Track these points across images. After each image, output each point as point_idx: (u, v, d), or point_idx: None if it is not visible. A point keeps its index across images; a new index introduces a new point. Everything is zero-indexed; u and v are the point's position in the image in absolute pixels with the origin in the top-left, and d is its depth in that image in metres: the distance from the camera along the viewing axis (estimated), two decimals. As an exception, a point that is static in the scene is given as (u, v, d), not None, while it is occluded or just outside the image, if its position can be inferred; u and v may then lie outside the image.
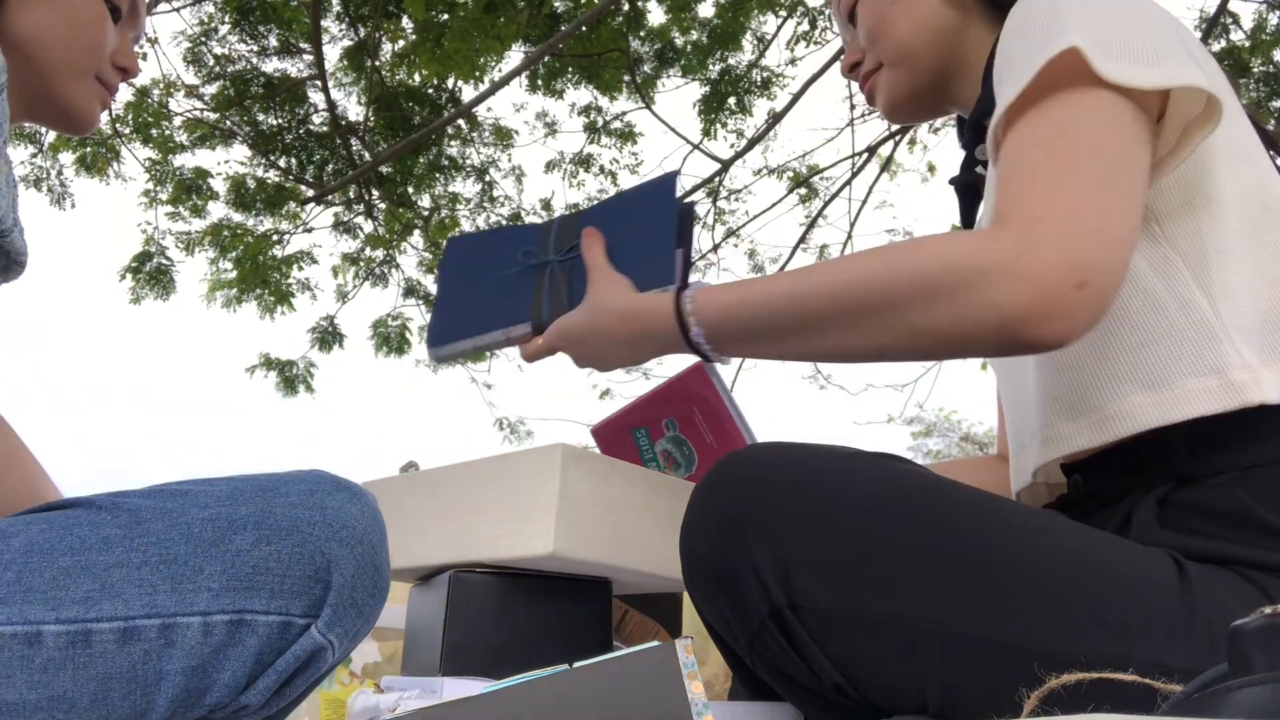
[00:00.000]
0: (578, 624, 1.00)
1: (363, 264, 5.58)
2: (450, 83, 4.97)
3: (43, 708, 0.57)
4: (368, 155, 4.95)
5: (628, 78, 4.90)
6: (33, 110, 0.81)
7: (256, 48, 4.87)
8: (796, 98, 4.47)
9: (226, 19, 4.76)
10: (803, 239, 5.28)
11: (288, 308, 5.19)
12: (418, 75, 4.85)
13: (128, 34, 0.86)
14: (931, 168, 5.35)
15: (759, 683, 0.84)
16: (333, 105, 4.75)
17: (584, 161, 5.54)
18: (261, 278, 5.07)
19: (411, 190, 5.40)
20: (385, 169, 5.11)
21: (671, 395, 1.11)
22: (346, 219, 5.46)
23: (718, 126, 4.93)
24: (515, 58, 4.79)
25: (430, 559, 1.00)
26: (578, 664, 0.58)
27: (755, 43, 4.97)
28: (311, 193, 5.06)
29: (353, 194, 5.29)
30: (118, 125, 4.81)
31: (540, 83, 5.10)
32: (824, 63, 4.37)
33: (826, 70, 4.36)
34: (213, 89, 4.92)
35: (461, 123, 5.30)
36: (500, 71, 4.69)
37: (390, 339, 5.41)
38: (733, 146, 5.03)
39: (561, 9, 4.68)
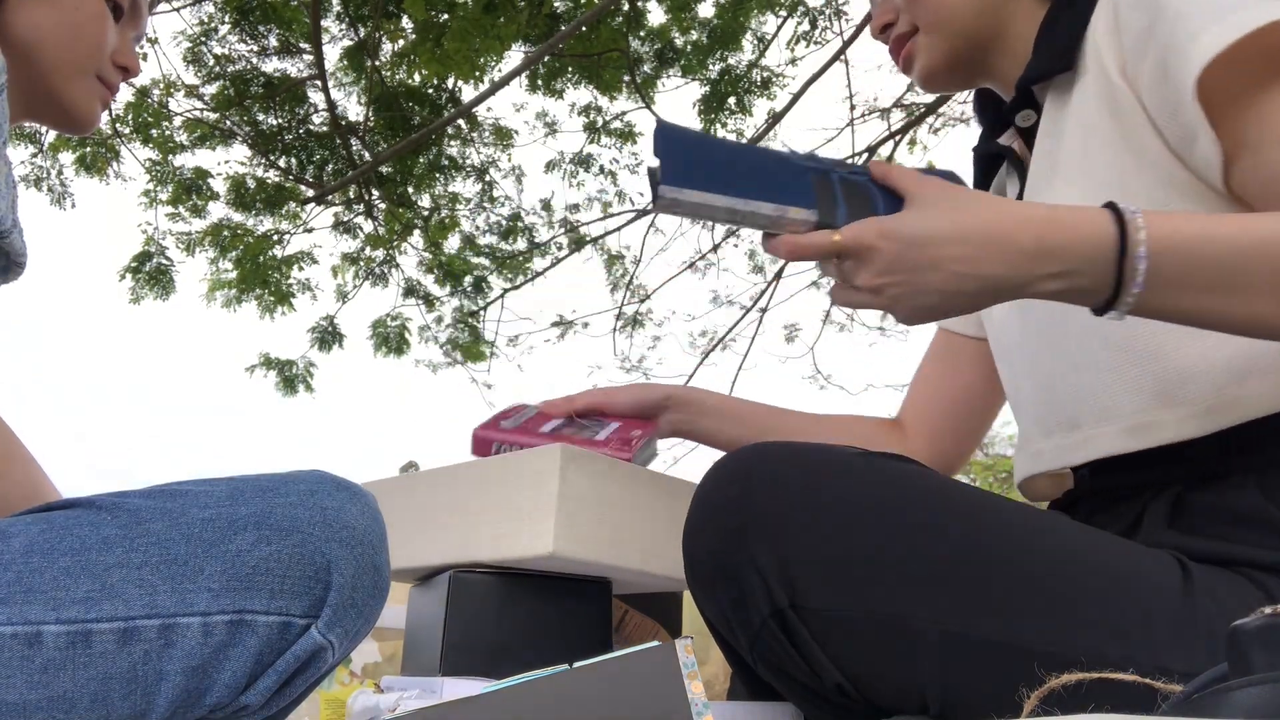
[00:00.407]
0: (577, 624, 1.00)
1: (363, 264, 5.58)
2: (450, 83, 4.97)
3: (43, 708, 0.57)
4: (368, 155, 4.95)
5: (628, 78, 4.90)
6: (33, 110, 0.80)
7: (256, 48, 4.87)
8: (796, 98, 4.47)
9: (226, 19, 4.76)
10: (803, 239, 5.27)
11: (288, 308, 5.19)
12: (418, 75, 4.85)
13: (129, 33, 0.86)
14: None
15: (760, 682, 0.84)
16: (333, 105, 4.75)
17: (584, 161, 5.55)
18: (261, 278, 5.08)
19: (411, 190, 5.40)
20: (385, 169, 5.11)
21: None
22: (346, 219, 5.46)
23: (718, 126, 4.93)
24: (515, 58, 4.79)
25: (430, 559, 1.00)
26: (578, 664, 0.58)
27: (755, 43, 4.98)
28: (311, 193, 5.06)
29: (353, 194, 5.29)
30: (118, 125, 4.81)
31: (540, 83, 5.10)
32: (824, 63, 4.37)
33: (826, 70, 4.36)
34: (213, 89, 4.92)
35: (461, 123, 5.30)
36: (500, 71, 4.69)
37: (390, 339, 5.41)
38: (733, 146, 5.02)
39: (561, 9, 4.67)
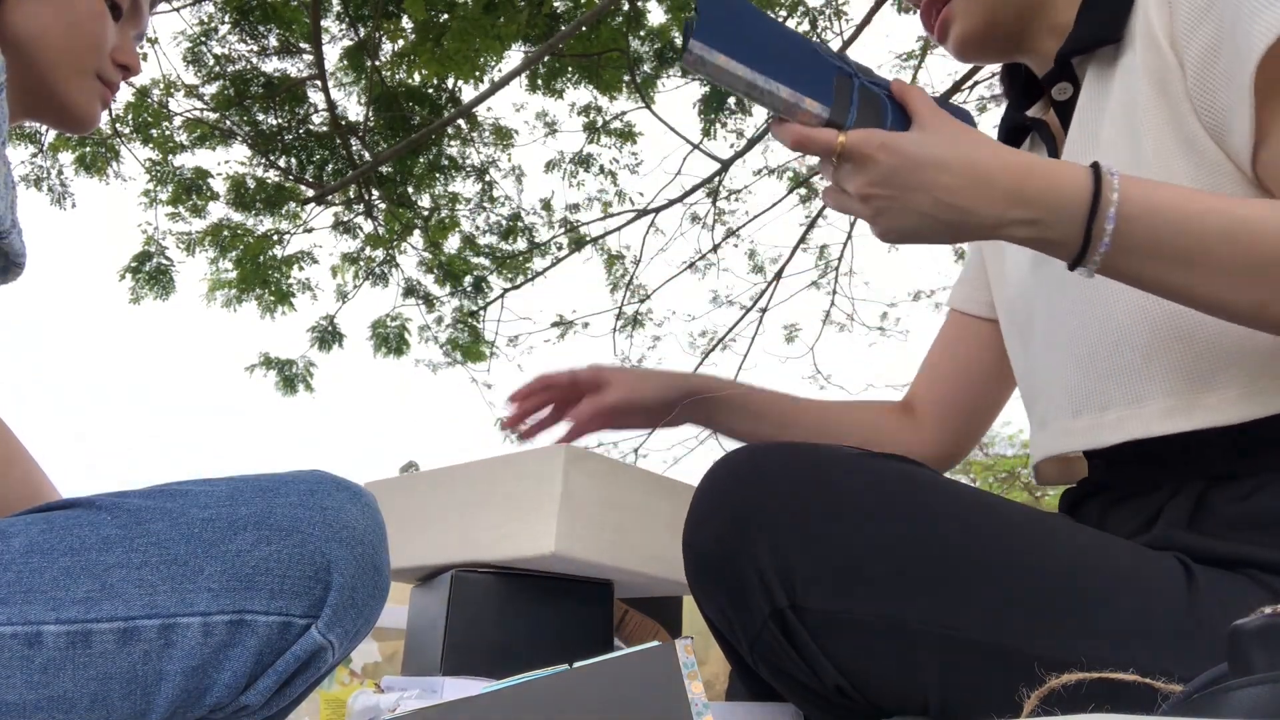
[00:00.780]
0: (578, 624, 1.00)
1: (362, 264, 5.58)
2: (450, 83, 4.97)
3: (43, 708, 0.57)
4: (368, 155, 4.95)
5: (628, 78, 4.89)
6: (32, 109, 0.80)
7: (256, 48, 4.87)
8: (796, 98, 4.46)
9: (226, 19, 4.76)
10: (803, 239, 5.28)
11: (288, 308, 5.19)
12: (418, 75, 4.85)
13: (129, 31, 0.85)
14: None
15: (759, 682, 0.84)
16: (333, 105, 4.75)
17: (584, 161, 5.55)
18: (261, 278, 5.08)
19: (411, 190, 5.40)
20: (385, 169, 5.11)
21: None
22: (346, 219, 5.46)
23: (717, 126, 4.93)
24: (515, 58, 4.79)
25: (431, 559, 1.00)
26: (578, 664, 0.58)
27: (755, 43, 4.96)
28: (311, 193, 5.06)
29: (353, 194, 5.29)
30: (118, 125, 4.81)
31: (540, 83, 5.10)
32: (824, 63, 4.36)
33: (826, 70, 4.35)
34: (213, 89, 4.92)
35: (461, 123, 5.30)
36: (500, 71, 4.70)
37: (390, 339, 5.41)
38: (733, 146, 5.03)
39: (561, 9, 4.67)
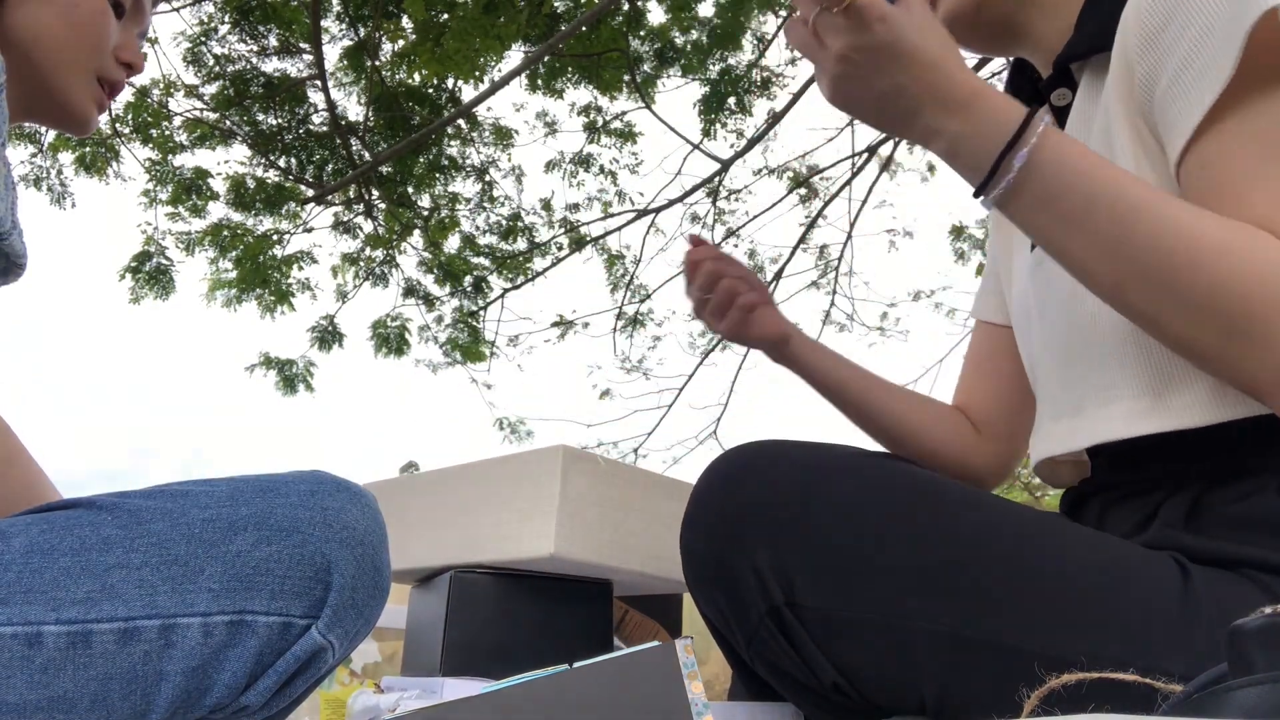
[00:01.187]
0: (578, 624, 1.00)
1: (363, 264, 5.58)
2: (450, 83, 4.97)
3: (43, 708, 0.57)
4: (368, 155, 4.95)
5: (628, 77, 4.89)
6: (31, 110, 0.80)
7: (256, 48, 4.87)
8: (796, 98, 4.47)
9: (226, 19, 4.76)
10: (803, 239, 5.28)
11: (288, 307, 5.19)
12: (418, 75, 4.85)
13: (132, 29, 0.85)
14: (931, 167, 5.34)
15: (759, 682, 0.84)
16: (333, 105, 4.75)
17: (584, 161, 5.54)
18: (261, 278, 5.07)
19: (411, 190, 5.40)
20: (385, 169, 5.11)
21: None
22: (346, 219, 5.46)
23: (718, 126, 4.93)
24: (515, 58, 4.79)
25: (431, 560, 1.00)
26: (578, 664, 0.58)
27: (755, 43, 4.97)
28: (311, 193, 5.06)
29: (353, 194, 5.28)
30: (118, 125, 4.81)
31: (540, 83, 5.10)
32: (824, 63, 4.36)
33: (826, 70, 4.35)
34: (213, 89, 4.92)
35: (461, 123, 5.30)
36: (500, 71, 4.69)
37: (390, 339, 5.41)
38: (733, 146, 5.03)
39: (561, 9, 4.67)
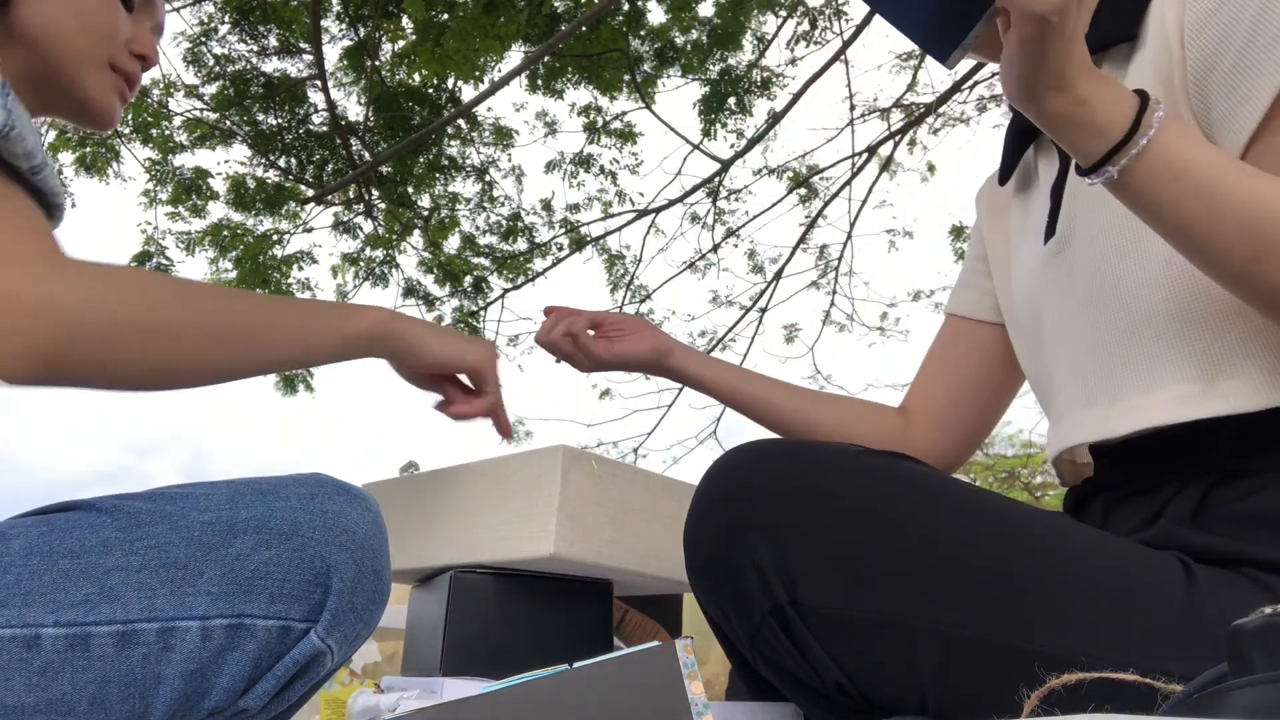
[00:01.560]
0: (578, 624, 1.00)
1: (363, 264, 5.58)
2: (450, 83, 4.97)
3: (41, 710, 0.57)
4: (368, 155, 4.95)
5: (628, 77, 4.89)
6: (51, 105, 0.79)
7: (256, 48, 4.87)
8: (796, 98, 4.47)
9: (226, 19, 4.76)
10: (803, 239, 5.28)
11: (288, 307, 5.18)
12: (418, 75, 4.85)
13: (144, 23, 0.85)
14: (931, 167, 5.35)
15: (760, 681, 0.84)
16: (333, 105, 4.75)
17: (584, 161, 5.54)
18: (262, 278, 5.07)
19: (411, 190, 5.40)
20: (385, 169, 5.11)
21: None
22: (346, 219, 5.46)
23: (718, 126, 4.93)
24: (515, 58, 4.79)
25: (431, 560, 1.00)
26: (578, 664, 0.58)
27: (755, 43, 4.97)
28: (311, 193, 5.06)
29: (353, 194, 5.28)
30: (118, 125, 4.80)
31: (540, 83, 5.10)
32: (824, 63, 4.37)
33: (826, 70, 4.36)
34: (213, 89, 4.92)
35: (461, 123, 5.29)
36: (500, 71, 4.69)
37: (390, 339, 5.39)
38: (733, 146, 5.03)
39: (561, 9, 4.67)
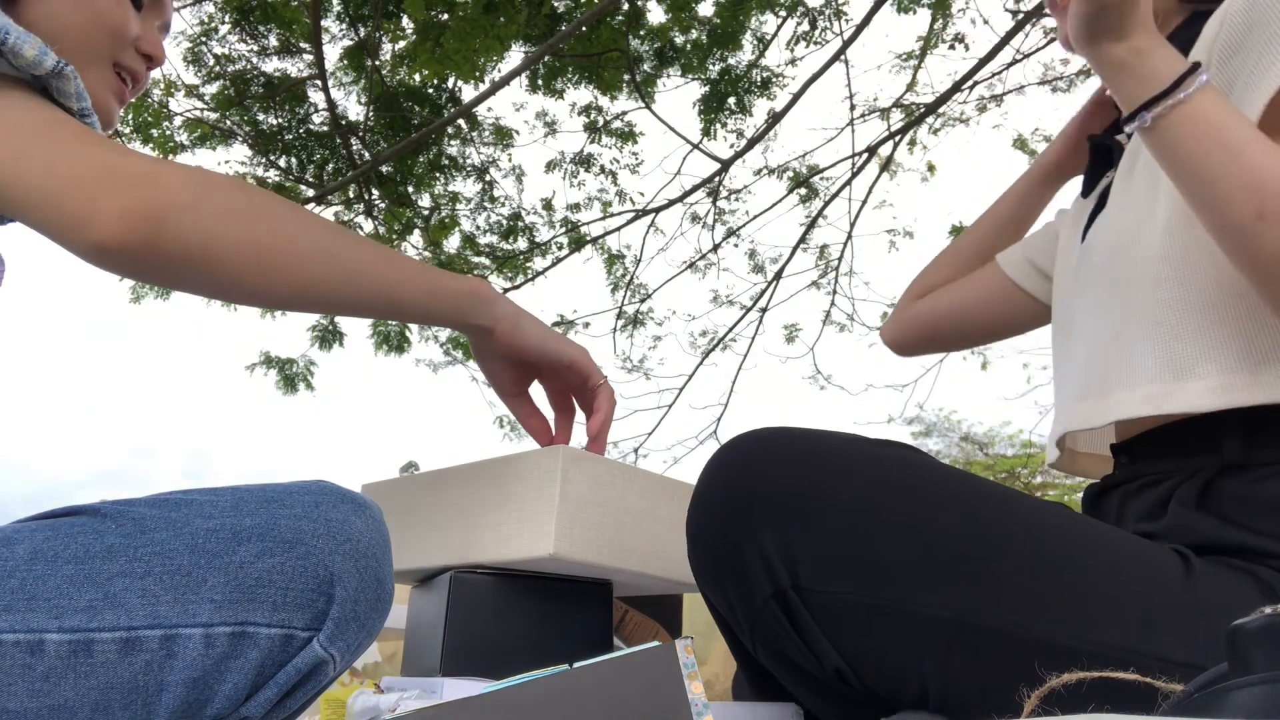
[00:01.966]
0: (578, 624, 1.00)
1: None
2: (450, 83, 4.97)
3: (43, 716, 0.57)
4: (368, 155, 4.95)
5: (628, 77, 4.89)
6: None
7: (256, 48, 4.87)
8: (796, 98, 4.47)
9: (226, 19, 4.76)
10: (803, 239, 5.28)
11: (288, 307, 5.17)
12: (418, 75, 4.85)
13: (153, 21, 0.85)
14: (931, 168, 5.35)
15: (763, 678, 0.84)
16: (333, 105, 4.75)
17: (584, 161, 5.54)
18: (262, 277, 5.06)
19: (411, 190, 5.40)
20: (385, 169, 5.11)
21: None
22: (346, 219, 5.46)
23: (717, 126, 4.93)
24: (515, 58, 4.79)
25: (431, 560, 1.00)
26: (578, 664, 0.58)
27: (755, 43, 4.97)
28: (311, 193, 5.05)
29: (353, 194, 5.28)
30: (118, 125, 4.80)
31: (540, 83, 5.10)
32: (824, 63, 4.37)
33: (826, 70, 4.36)
34: (213, 89, 4.92)
35: (461, 122, 5.29)
36: (500, 71, 4.69)
37: (390, 338, 5.40)
38: (732, 146, 5.02)
39: (561, 9, 4.67)
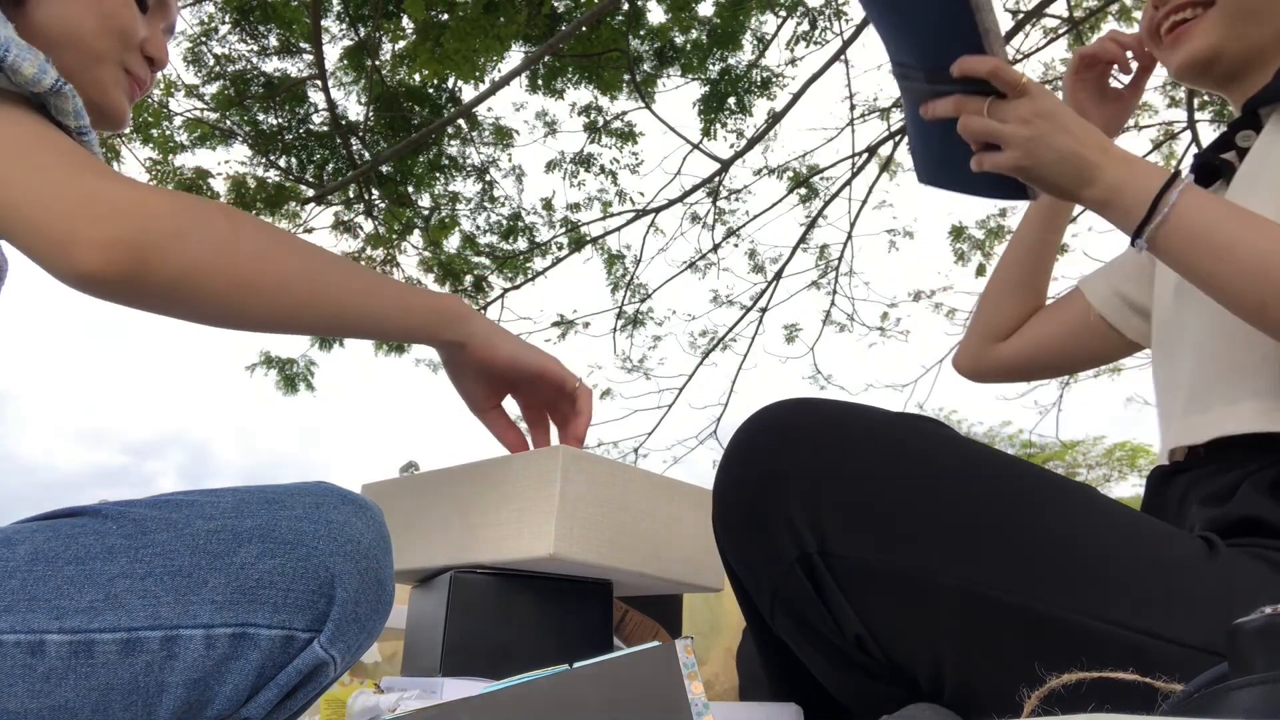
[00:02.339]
0: (578, 624, 1.00)
1: (363, 263, 5.57)
2: (450, 83, 4.97)
3: (44, 717, 0.57)
4: (368, 155, 4.94)
5: (627, 77, 4.89)
6: None
7: (256, 48, 4.87)
8: (796, 98, 4.47)
9: (226, 19, 4.76)
10: (803, 239, 5.28)
11: (288, 307, 5.17)
12: (418, 75, 4.85)
13: (158, 24, 0.85)
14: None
15: (771, 677, 0.85)
16: (333, 105, 4.75)
17: (584, 161, 5.54)
18: (262, 277, 5.06)
19: (411, 190, 5.40)
20: (385, 169, 5.11)
21: None
22: (346, 219, 5.46)
23: (717, 126, 4.93)
24: (515, 58, 4.79)
25: (431, 560, 1.00)
26: (578, 664, 0.58)
27: (755, 43, 4.97)
28: (312, 193, 5.05)
29: (353, 194, 5.28)
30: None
31: (540, 83, 5.10)
32: (824, 63, 4.37)
33: (826, 70, 4.36)
34: (213, 89, 4.92)
35: (461, 122, 5.29)
36: (500, 71, 4.69)
37: (390, 338, 5.39)
38: (732, 146, 5.02)
39: (561, 9, 4.67)
